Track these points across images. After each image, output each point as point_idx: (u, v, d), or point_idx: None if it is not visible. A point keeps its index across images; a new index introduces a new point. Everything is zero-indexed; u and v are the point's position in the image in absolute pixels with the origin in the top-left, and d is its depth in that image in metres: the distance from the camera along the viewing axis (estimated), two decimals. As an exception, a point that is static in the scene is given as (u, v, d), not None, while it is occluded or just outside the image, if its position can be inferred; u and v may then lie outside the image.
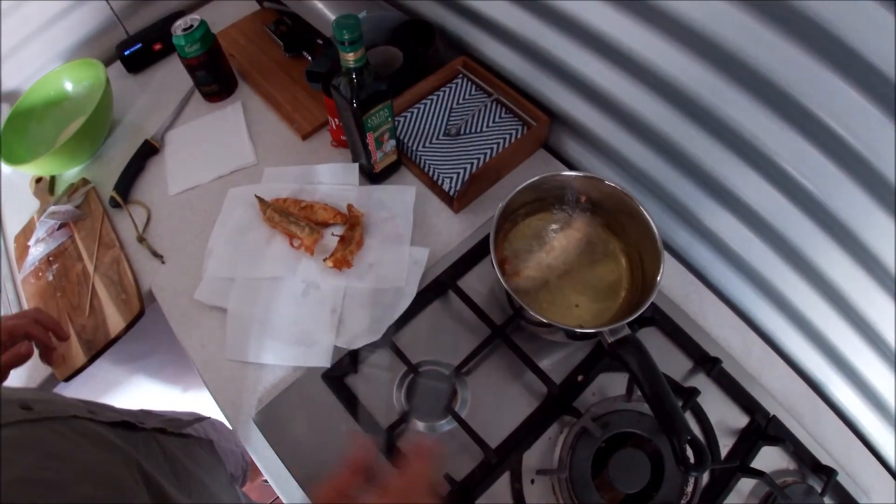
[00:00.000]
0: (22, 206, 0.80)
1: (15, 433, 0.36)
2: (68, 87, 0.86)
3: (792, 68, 0.46)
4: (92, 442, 0.42)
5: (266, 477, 0.58)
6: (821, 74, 0.44)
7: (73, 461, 0.37)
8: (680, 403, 0.52)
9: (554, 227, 0.65)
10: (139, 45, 0.90)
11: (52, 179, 0.82)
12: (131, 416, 0.52)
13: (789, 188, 0.53)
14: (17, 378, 0.60)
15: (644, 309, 0.52)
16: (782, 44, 0.45)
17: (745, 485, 0.56)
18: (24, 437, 0.36)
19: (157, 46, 0.91)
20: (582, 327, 0.56)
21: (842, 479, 0.56)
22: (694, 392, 0.58)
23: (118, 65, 0.91)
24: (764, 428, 0.58)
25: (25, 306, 0.71)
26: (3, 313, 0.71)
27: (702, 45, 0.51)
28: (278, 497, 0.58)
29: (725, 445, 0.59)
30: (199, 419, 0.71)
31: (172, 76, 0.90)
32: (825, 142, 0.47)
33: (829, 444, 0.59)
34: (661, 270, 0.54)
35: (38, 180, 0.81)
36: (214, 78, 0.84)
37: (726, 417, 0.60)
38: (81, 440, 0.40)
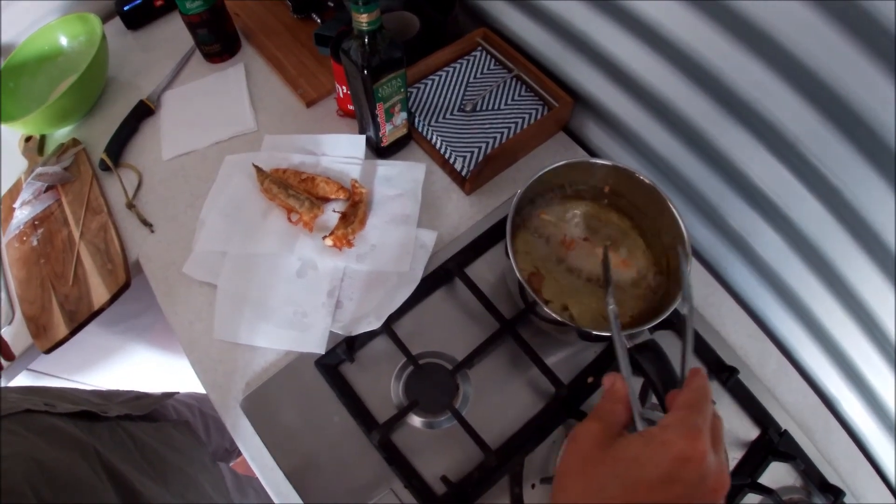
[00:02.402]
0: (10, 165, 0.76)
1: None
2: (63, 42, 0.81)
3: (852, 73, 0.41)
4: (47, 438, 0.39)
5: (251, 466, 0.55)
6: (882, 84, 0.40)
7: (25, 461, 0.35)
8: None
9: (573, 215, 0.61)
10: (139, 0, 0.85)
11: (42, 139, 0.78)
12: (93, 405, 0.50)
13: (829, 197, 0.49)
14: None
15: (666, 315, 0.49)
16: (845, 47, 0.40)
17: (752, 498, 0.54)
18: None
19: (159, 2, 0.86)
20: (599, 329, 0.52)
21: (847, 500, 0.54)
22: (709, 402, 0.55)
23: (117, 20, 0.86)
24: (776, 443, 0.56)
25: (8, 271, 0.67)
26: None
27: (755, 38, 0.46)
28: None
29: (734, 458, 0.56)
30: (167, 395, 0.68)
31: (173, 34, 0.85)
32: (875, 154, 0.43)
33: (837, 463, 0.57)
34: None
35: (28, 139, 0.77)
36: (216, 37, 0.79)
37: (736, 428, 0.58)
38: (36, 437, 0.38)
